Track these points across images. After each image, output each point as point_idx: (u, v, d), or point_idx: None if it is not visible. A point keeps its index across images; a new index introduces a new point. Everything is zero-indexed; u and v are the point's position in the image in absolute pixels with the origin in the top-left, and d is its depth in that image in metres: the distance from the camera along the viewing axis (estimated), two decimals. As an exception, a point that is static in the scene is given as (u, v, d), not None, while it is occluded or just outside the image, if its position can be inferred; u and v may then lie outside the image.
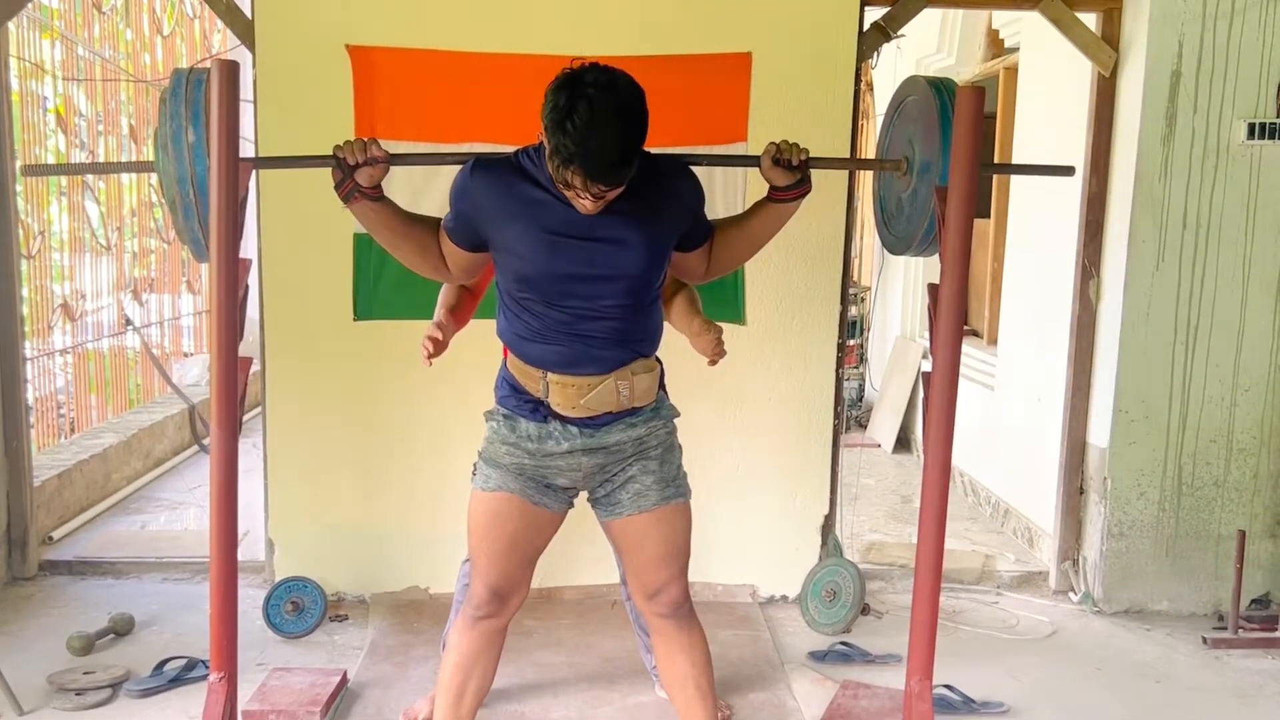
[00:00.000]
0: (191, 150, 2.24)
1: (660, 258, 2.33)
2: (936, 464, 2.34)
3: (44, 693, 3.10)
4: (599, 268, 2.23)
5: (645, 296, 2.33)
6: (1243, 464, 3.93)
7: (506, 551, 2.36)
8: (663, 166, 2.33)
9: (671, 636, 2.43)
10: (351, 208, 2.28)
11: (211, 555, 2.29)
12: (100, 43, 5.86)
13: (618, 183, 2.11)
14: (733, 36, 3.63)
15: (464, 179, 2.27)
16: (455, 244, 2.33)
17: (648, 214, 2.25)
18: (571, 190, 2.12)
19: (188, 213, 2.31)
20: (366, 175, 2.24)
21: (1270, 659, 3.62)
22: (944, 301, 2.30)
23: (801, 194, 2.37)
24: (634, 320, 2.31)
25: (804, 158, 2.34)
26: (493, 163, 2.28)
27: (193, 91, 2.25)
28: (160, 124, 2.28)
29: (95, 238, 5.82)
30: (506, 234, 2.24)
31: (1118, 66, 3.88)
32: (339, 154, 2.22)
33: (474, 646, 2.40)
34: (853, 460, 4.77)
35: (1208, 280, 3.82)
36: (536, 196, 2.22)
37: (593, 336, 2.27)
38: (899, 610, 3.89)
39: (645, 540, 2.39)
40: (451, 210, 2.30)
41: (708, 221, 2.44)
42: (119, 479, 5.28)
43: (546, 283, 2.24)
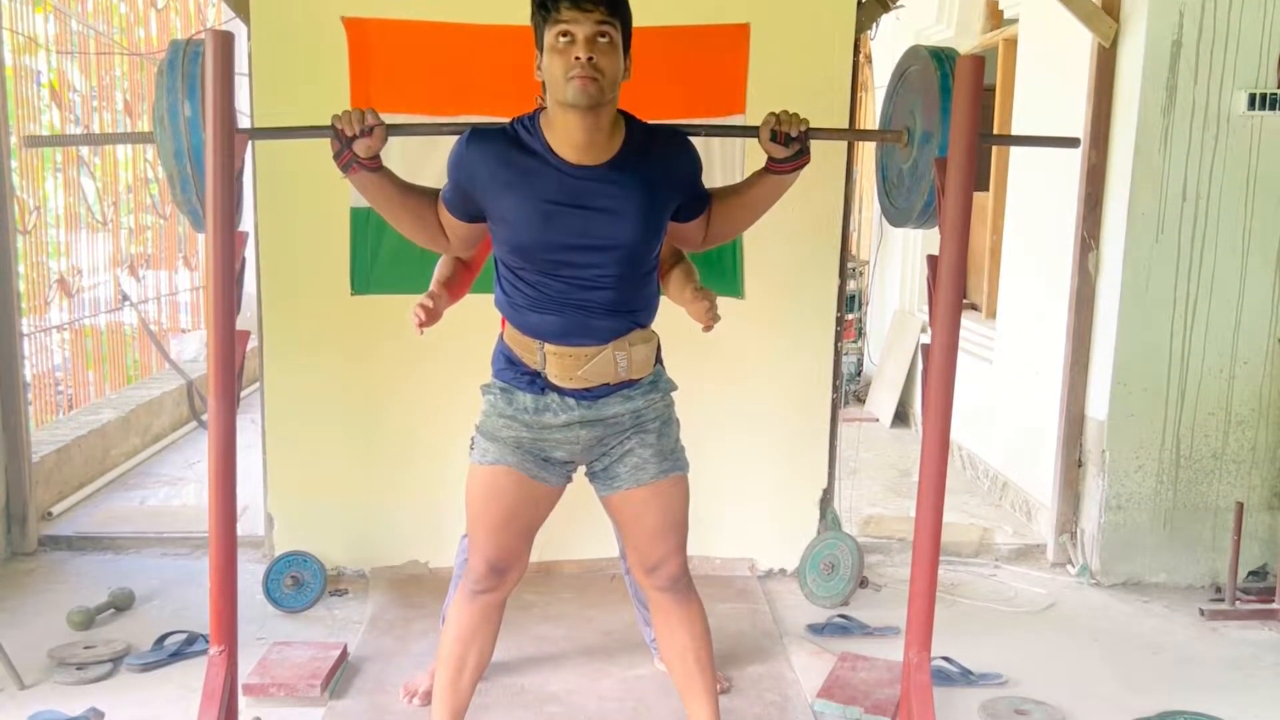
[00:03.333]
0: (188, 123, 2.23)
1: (656, 227, 2.31)
2: (935, 437, 2.34)
3: (45, 667, 3.11)
4: (594, 237, 2.22)
5: (641, 266, 2.32)
6: (1241, 436, 3.94)
7: (504, 525, 2.36)
8: (659, 135, 2.32)
9: (670, 610, 2.43)
10: (350, 178, 2.27)
11: (211, 530, 2.28)
12: (94, 16, 5.82)
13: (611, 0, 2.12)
14: (731, 7, 3.61)
15: (460, 149, 2.26)
16: (453, 215, 2.32)
17: (643, 183, 2.24)
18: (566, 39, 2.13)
19: (185, 185, 2.30)
20: (364, 146, 2.22)
21: (1267, 630, 3.63)
22: (943, 274, 2.29)
23: (800, 165, 2.35)
24: (630, 290, 2.30)
25: (803, 129, 2.32)
26: (488, 133, 2.27)
27: (189, 65, 2.23)
28: (156, 98, 2.26)
29: (91, 213, 5.80)
30: (502, 204, 2.23)
31: (1118, 37, 3.85)
32: (336, 124, 2.21)
33: (473, 621, 2.40)
34: (851, 434, 4.78)
35: (1207, 252, 3.81)
36: (532, 165, 2.21)
37: (589, 306, 2.26)
38: (897, 583, 3.90)
39: (643, 513, 2.39)
40: (449, 181, 2.29)
41: (705, 191, 2.42)
42: (118, 455, 5.29)
43: (542, 251, 2.23)
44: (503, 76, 3.46)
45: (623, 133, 2.26)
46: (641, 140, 2.26)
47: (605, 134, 2.22)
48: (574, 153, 2.21)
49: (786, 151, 2.32)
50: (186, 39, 2.29)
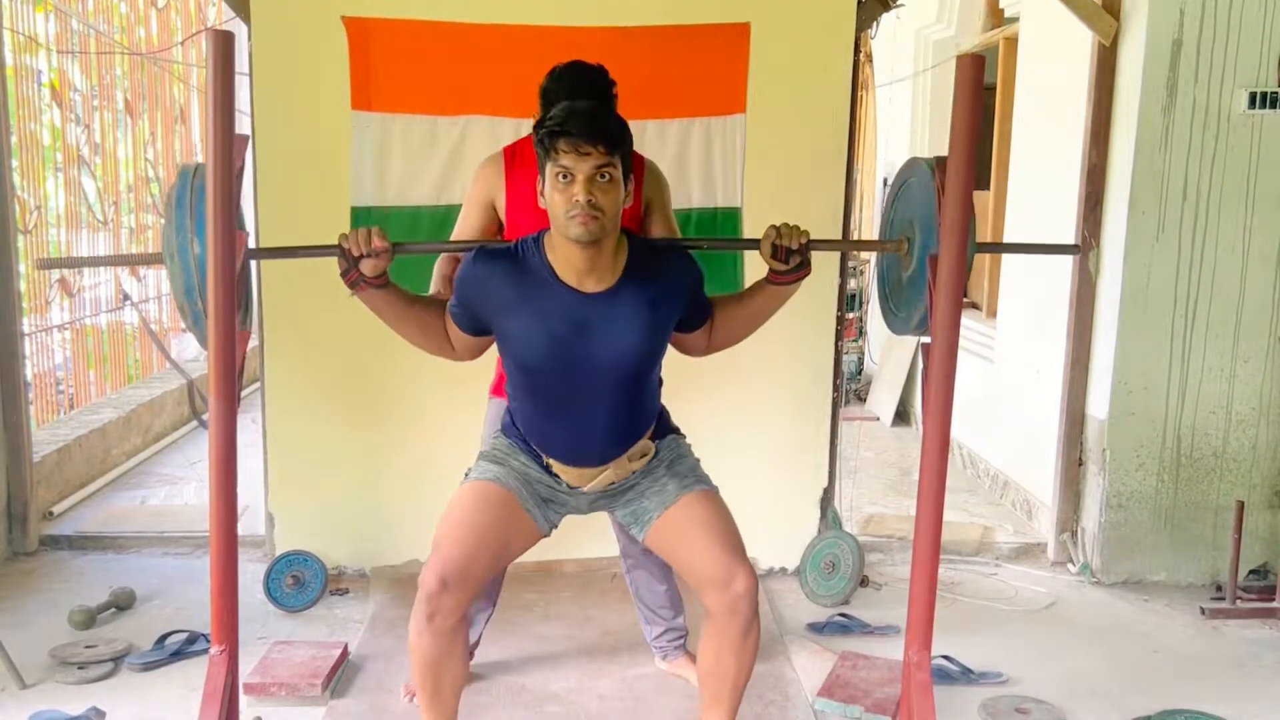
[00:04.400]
0: (197, 260, 2.24)
1: (659, 344, 2.39)
2: (936, 436, 2.34)
3: (46, 666, 3.12)
4: (598, 359, 2.29)
5: (644, 382, 2.40)
6: (1241, 435, 3.93)
7: (478, 538, 2.32)
8: (661, 253, 2.37)
9: (731, 636, 2.36)
10: (357, 295, 2.32)
11: (211, 529, 2.29)
12: (94, 16, 5.82)
13: (609, 140, 2.15)
14: (731, 7, 3.60)
15: (467, 269, 2.32)
16: (460, 328, 2.38)
17: (646, 304, 2.30)
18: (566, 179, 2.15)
19: (196, 319, 2.31)
20: (370, 265, 2.26)
21: (1268, 629, 3.63)
22: (943, 274, 2.29)
23: (801, 277, 2.38)
24: (633, 403, 2.40)
25: (804, 241, 2.33)
26: (494, 254, 2.31)
27: (196, 199, 2.24)
28: (165, 231, 2.27)
29: (92, 213, 5.80)
30: (507, 326, 2.30)
31: (1118, 36, 3.85)
32: (343, 244, 2.25)
33: (433, 650, 2.30)
34: (852, 433, 4.78)
35: (1207, 251, 3.81)
36: (537, 290, 2.27)
37: (593, 423, 2.36)
38: (898, 582, 3.90)
39: (686, 530, 2.39)
40: (455, 296, 2.35)
41: (707, 301, 2.46)
42: (119, 454, 5.29)
43: (546, 373, 2.32)
44: (503, 76, 3.47)
45: (625, 254, 2.31)
46: (644, 261, 2.31)
47: (608, 259, 2.27)
48: (577, 278, 2.26)
49: (787, 265, 2.35)
50: (194, 166, 2.29)
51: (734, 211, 3.66)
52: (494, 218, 2.84)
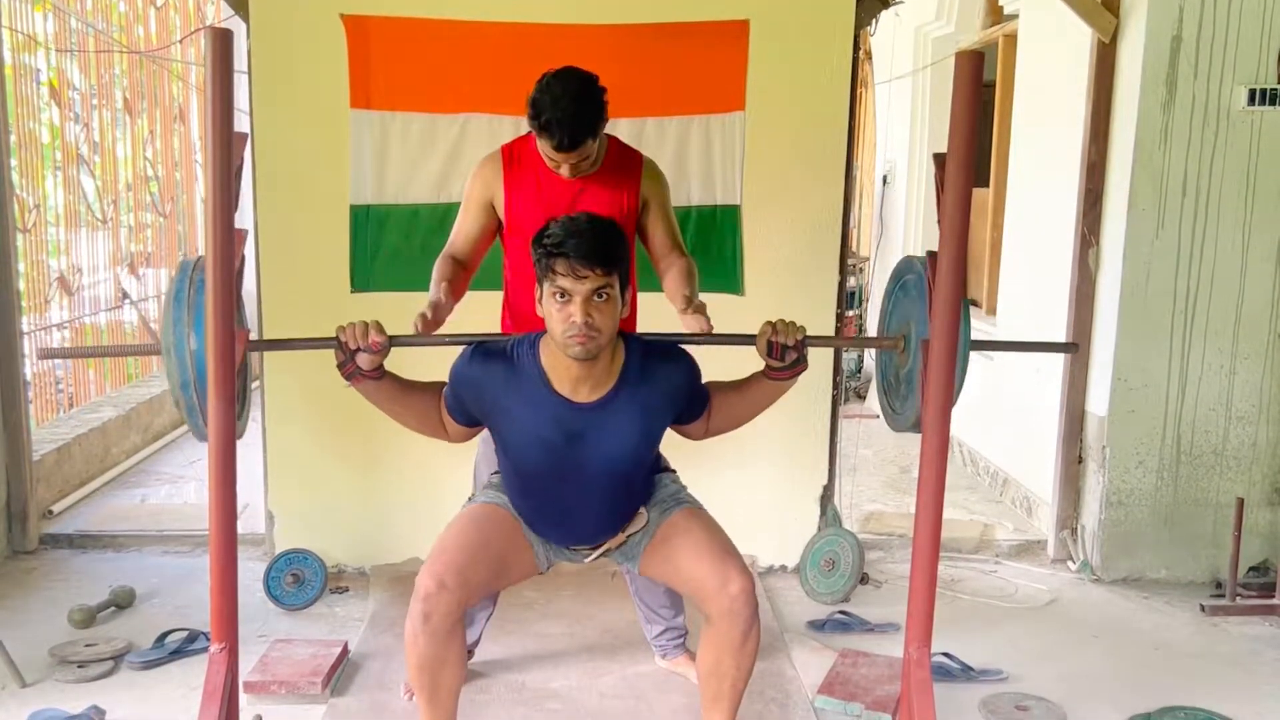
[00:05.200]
0: (194, 356, 2.25)
1: (652, 443, 2.43)
2: (935, 434, 2.34)
3: (46, 665, 3.12)
4: (590, 463, 2.32)
5: (637, 477, 2.44)
6: (1241, 432, 3.93)
7: (479, 545, 2.37)
8: (656, 356, 2.36)
9: (731, 639, 2.37)
10: (354, 386, 2.34)
11: (211, 528, 2.28)
12: (93, 14, 5.81)
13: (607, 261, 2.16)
14: (730, 4, 3.60)
15: (462, 367, 2.34)
16: (454, 419, 2.41)
17: (640, 410, 2.32)
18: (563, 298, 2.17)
19: (191, 412, 2.31)
20: (367, 360, 2.28)
21: (1268, 626, 3.63)
22: (942, 271, 2.29)
23: (798, 373, 2.39)
24: (627, 495, 2.44)
25: (799, 339, 2.33)
26: (490, 355, 2.33)
27: (195, 295, 2.24)
28: (164, 325, 2.28)
29: (91, 212, 5.79)
30: (501, 430, 2.35)
31: (1118, 32, 3.85)
32: (341, 337, 2.27)
33: (429, 651, 2.31)
34: (851, 431, 4.78)
35: (1207, 248, 3.81)
36: (530, 397, 2.29)
37: (587, 515, 2.42)
38: (897, 579, 3.90)
39: (674, 548, 2.42)
40: (451, 390, 2.37)
41: (704, 393, 2.46)
42: (118, 453, 5.29)
43: (540, 474, 2.36)
44: (501, 74, 3.46)
45: (621, 360, 2.31)
46: (639, 365, 2.32)
47: (603, 368, 2.28)
48: (571, 387, 2.28)
49: (784, 362, 2.35)
50: (195, 260, 2.29)
51: (733, 209, 3.65)
52: (493, 216, 2.84)
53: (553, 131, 2.55)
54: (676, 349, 2.42)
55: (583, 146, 2.60)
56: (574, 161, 2.65)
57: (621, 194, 2.79)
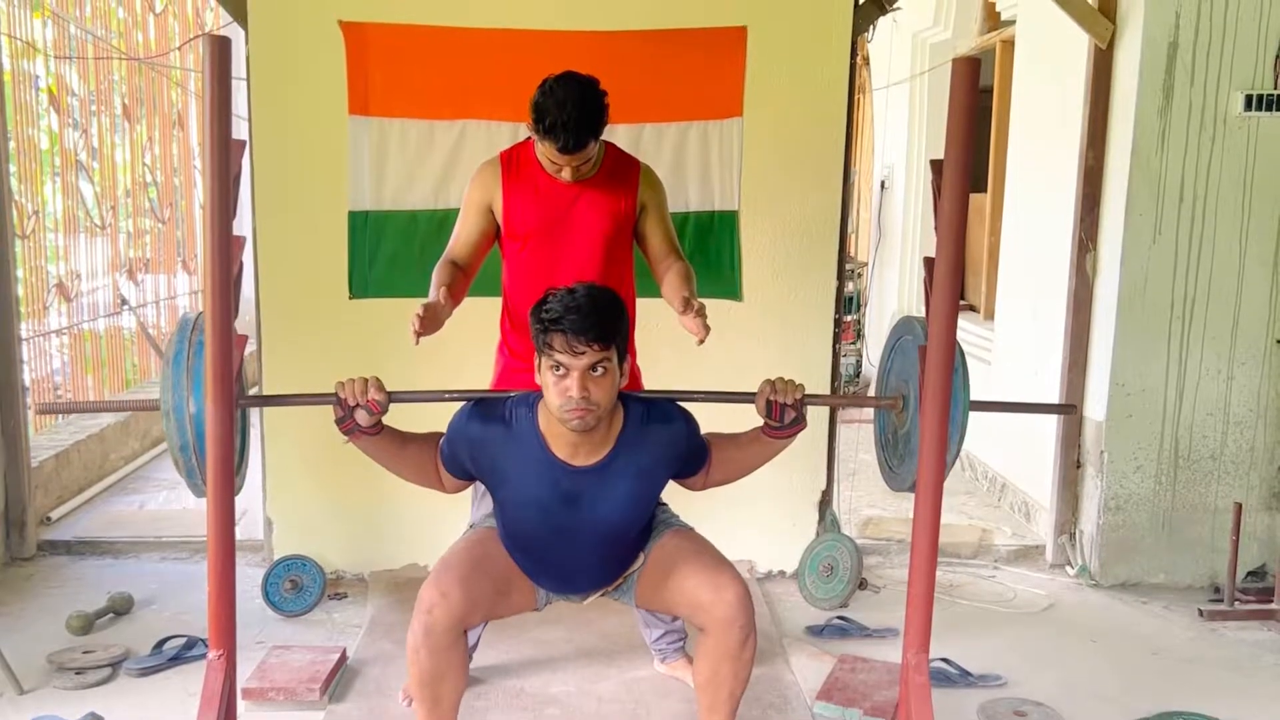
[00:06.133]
0: (193, 419, 2.26)
1: (649, 504, 2.44)
2: (932, 439, 2.34)
3: (44, 672, 3.11)
4: (587, 525, 2.34)
5: (633, 534, 2.44)
6: (1239, 437, 3.94)
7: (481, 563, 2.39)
8: (655, 417, 2.36)
9: (727, 650, 2.37)
10: (352, 442, 2.35)
11: (209, 534, 2.28)
12: (92, 21, 5.82)
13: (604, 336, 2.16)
14: (728, 10, 3.61)
15: (460, 426, 2.34)
16: (451, 473, 2.42)
17: (636, 474, 2.33)
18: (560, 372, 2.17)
19: (190, 473, 2.33)
20: (365, 416, 2.28)
21: (1266, 630, 3.63)
22: (940, 276, 2.29)
23: (796, 431, 2.39)
24: (623, 550, 2.46)
25: (798, 397, 2.33)
26: (486, 416, 2.33)
27: (194, 360, 2.25)
28: (163, 388, 2.29)
29: (90, 217, 5.79)
30: (496, 489, 2.37)
31: (1114, 38, 3.86)
32: (340, 393, 2.27)
33: (430, 663, 2.32)
34: (850, 436, 4.77)
35: (1204, 253, 3.82)
36: (527, 461, 2.29)
37: (582, 570, 2.46)
38: (896, 584, 3.90)
39: (665, 571, 2.44)
40: (448, 446, 2.38)
41: (703, 448, 2.46)
42: (117, 459, 5.29)
43: (536, 535, 2.38)
44: (499, 80, 3.47)
45: (619, 425, 2.31)
46: (638, 429, 2.32)
47: (601, 434, 2.28)
48: (569, 453, 2.28)
49: (783, 423, 2.36)
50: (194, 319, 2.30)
51: (731, 214, 3.66)
52: (491, 222, 2.84)
53: (557, 134, 2.57)
54: (674, 410, 2.41)
55: (585, 150, 2.62)
56: (576, 164, 2.66)
57: (619, 199, 2.80)
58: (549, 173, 2.73)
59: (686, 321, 2.60)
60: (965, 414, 2.37)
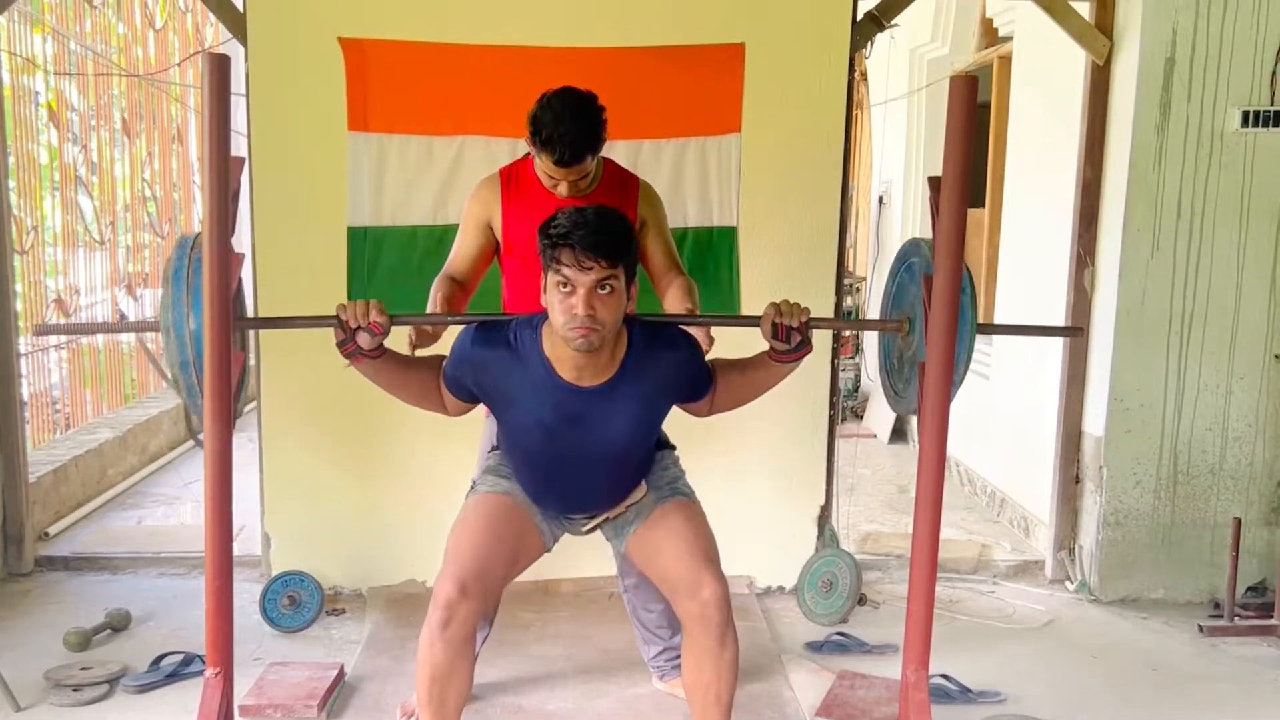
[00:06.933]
0: (193, 336, 2.25)
1: (654, 428, 2.45)
2: (932, 454, 2.34)
3: (41, 689, 3.10)
4: (591, 446, 2.34)
5: (636, 458, 2.44)
6: (1238, 452, 3.94)
7: (491, 544, 2.37)
8: (659, 343, 2.36)
9: (705, 646, 2.37)
10: (354, 365, 2.34)
11: (207, 550, 2.28)
12: (92, 37, 5.84)
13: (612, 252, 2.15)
14: (726, 27, 3.62)
15: (464, 348, 2.33)
16: (455, 396, 2.41)
17: (641, 397, 2.32)
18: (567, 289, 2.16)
19: (191, 392, 2.32)
20: (367, 339, 2.28)
21: (1266, 646, 3.63)
22: (938, 291, 2.30)
23: (802, 355, 2.38)
24: (627, 473, 2.46)
25: (804, 320, 2.33)
26: (491, 338, 2.32)
27: (193, 277, 2.25)
28: (163, 305, 2.28)
29: (89, 232, 5.80)
30: (501, 413, 2.38)
31: (1112, 54, 3.87)
32: (341, 316, 2.26)
33: (445, 658, 2.32)
34: (849, 450, 4.78)
35: (1202, 268, 3.82)
36: (532, 382, 2.28)
37: (586, 491, 2.44)
38: (895, 600, 3.90)
39: (659, 540, 2.43)
40: (452, 369, 2.37)
41: (708, 373, 2.46)
42: (115, 474, 5.28)
43: (541, 456, 2.38)
44: (498, 97, 3.48)
45: (624, 347, 2.30)
46: (642, 352, 2.31)
47: (606, 356, 2.27)
48: (574, 374, 2.27)
49: (788, 344, 2.34)
50: (192, 238, 2.30)
51: (730, 230, 3.67)
52: (490, 237, 2.85)
53: (554, 147, 2.57)
54: (679, 334, 2.41)
55: (582, 163, 2.62)
56: (573, 179, 2.66)
57: (618, 216, 2.80)
58: (548, 189, 2.73)
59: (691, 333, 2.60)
60: (972, 335, 2.36)
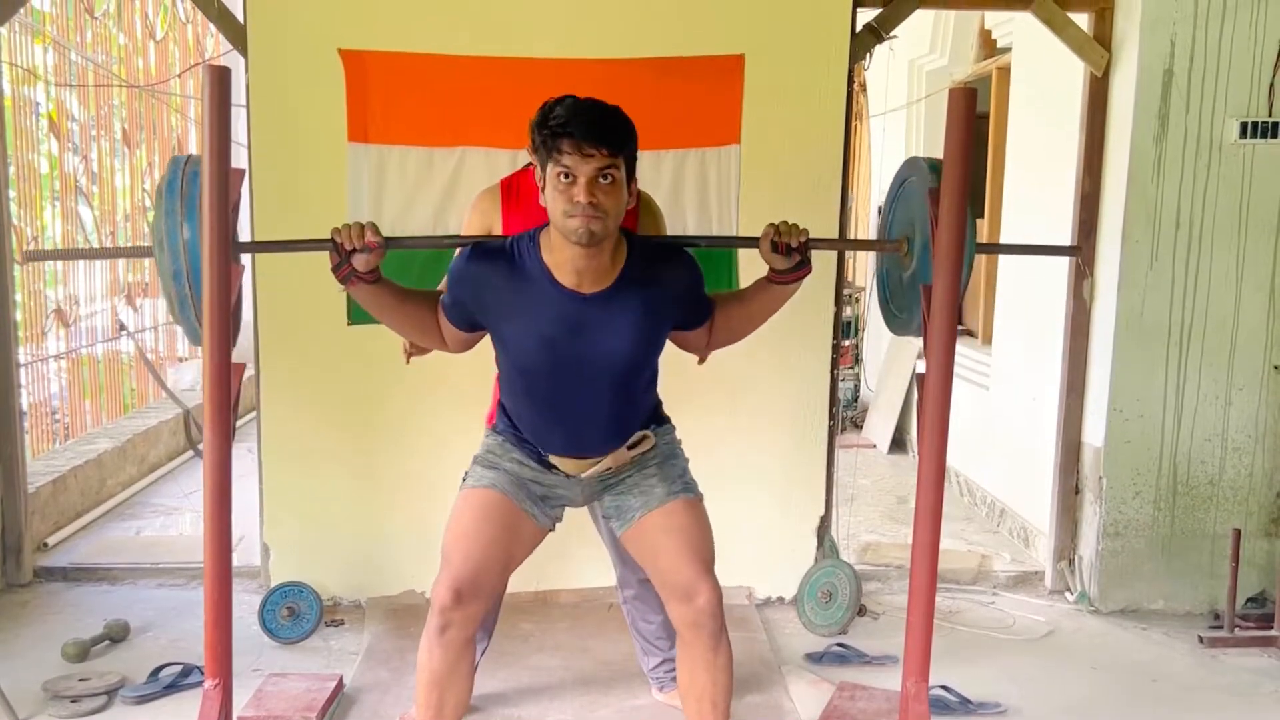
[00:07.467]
0: (187, 246, 2.24)
1: (654, 346, 2.39)
2: (932, 464, 2.34)
3: (39, 700, 3.09)
4: (592, 360, 2.29)
5: (639, 380, 2.40)
6: (1238, 463, 3.94)
7: (484, 548, 2.34)
8: (660, 256, 2.36)
9: (698, 653, 2.37)
10: (348, 289, 2.30)
11: (206, 561, 2.28)
12: (93, 47, 5.85)
13: (613, 141, 2.12)
14: (725, 39, 3.63)
15: (461, 266, 2.31)
16: (453, 324, 2.37)
17: (642, 307, 2.29)
18: (568, 179, 2.12)
19: (183, 306, 2.31)
20: (363, 261, 2.25)
21: (1266, 657, 3.62)
22: (938, 301, 2.30)
23: (802, 275, 2.38)
24: (627, 405, 2.40)
25: (803, 239, 2.33)
26: (489, 253, 2.30)
27: (188, 186, 2.24)
28: (155, 218, 2.28)
29: (89, 242, 5.81)
30: (501, 328, 2.31)
31: (1110, 66, 3.88)
32: (335, 238, 2.24)
33: (445, 662, 2.33)
34: (848, 461, 4.78)
35: (1201, 279, 3.83)
36: (531, 291, 2.26)
37: (587, 423, 2.37)
38: (895, 611, 3.89)
39: (662, 538, 2.39)
40: (449, 294, 2.34)
41: (708, 300, 2.46)
42: (114, 485, 5.27)
43: (542, 373, 2.32)
44: (498, 108, 3.48)
45: (624, 255, 2.29)
46: (642, 262, 2.30)
47: (606, 261, 2.25)
48: (573, 279, 2.25)
49: (788, 263, 2.34)
50: (186, 156, 2.30)
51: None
52: None
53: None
54: (682, 251, 2.40)
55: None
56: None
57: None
58: None
59: None
60: (971, 254, 2.37)
